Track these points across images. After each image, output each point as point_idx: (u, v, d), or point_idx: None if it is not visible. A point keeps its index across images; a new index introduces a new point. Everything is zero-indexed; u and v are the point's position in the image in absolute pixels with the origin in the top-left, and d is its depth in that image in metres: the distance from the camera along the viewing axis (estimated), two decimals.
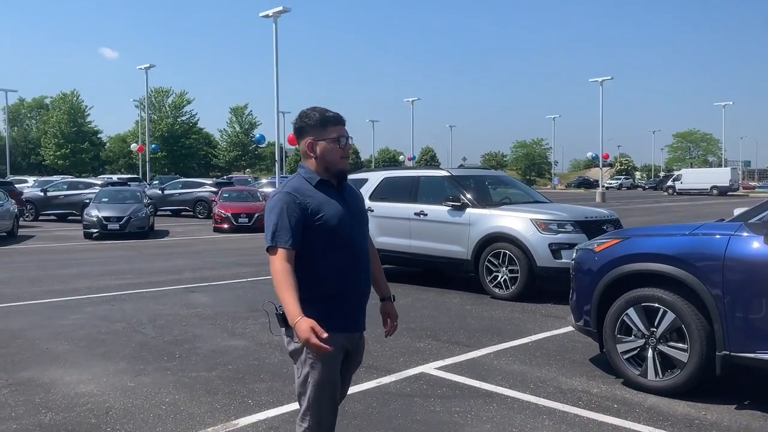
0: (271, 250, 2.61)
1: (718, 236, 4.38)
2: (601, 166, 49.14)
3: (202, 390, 4.75)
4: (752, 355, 4.17)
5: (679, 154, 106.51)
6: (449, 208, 9.08)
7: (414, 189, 9.77)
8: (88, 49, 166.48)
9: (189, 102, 75.27)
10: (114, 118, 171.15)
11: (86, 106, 73.04)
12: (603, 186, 48.94)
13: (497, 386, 4.81)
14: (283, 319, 2.63)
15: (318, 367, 2.65)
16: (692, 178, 59.52)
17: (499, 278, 8.51)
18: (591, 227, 8.31)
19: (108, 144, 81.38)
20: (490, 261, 8.61)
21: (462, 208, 8.98)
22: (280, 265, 2.57)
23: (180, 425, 4.07)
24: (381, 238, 9.87)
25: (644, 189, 77.20)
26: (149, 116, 66.07)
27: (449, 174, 9.69)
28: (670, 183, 61.07)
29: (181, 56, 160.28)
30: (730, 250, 4.25)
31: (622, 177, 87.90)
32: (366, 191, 10.30)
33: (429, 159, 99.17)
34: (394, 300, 3.08)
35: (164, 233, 19.51)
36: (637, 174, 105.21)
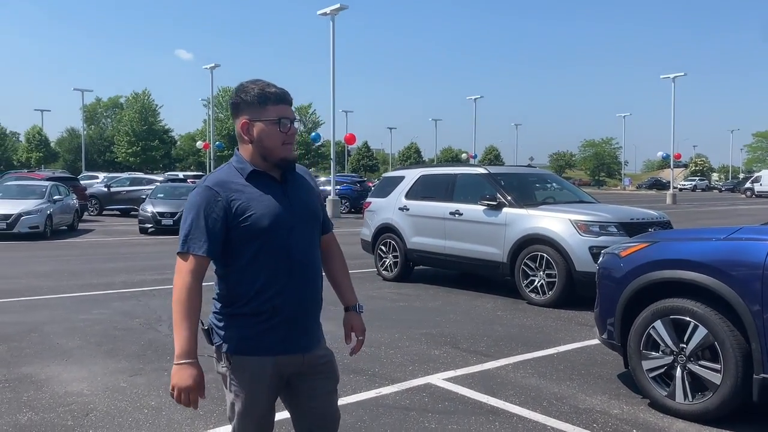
0: (182, 256, 2.20)
1: (757, 241, 3.82)
2: (672, 166, 46.99)
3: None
4: None
5: (759, 155, 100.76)
6: (485, 207, 8.62)
7: (450, 187, 9.36)
8: (165, 50, 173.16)
9: None
10: (186, 117, 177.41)
11: (157, 105, 75.57)
12: (675, 187, 46.72)
13: (505, 402, 4.39)
14: (208, 335, 2.30)
15: (241, 396, 2.28)
16: None
17: (535, 283, 7.99)
18: (637, 229, 7.67)
19: (179, 142, 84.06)
20: (526, 264, 8.10)
21: (498, 207, 8.50)
22: (186, 278, 2.18)
23: (155, 431, 3.86)
24: (416, 238, 9.54)
25: (720, 191, 73.42)
26: (217, 115, 67.89)
27: (487, 171, 9.22)
28: (748, 185, 57.79)
29: (250, 56, 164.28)
30: None
31: (697, 178, 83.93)
32: (402, 189, 9.99)
33: (493, 158, 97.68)
34: (361, 311, 2.63)
35: None
36: (714, 175, 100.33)
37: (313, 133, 37.71)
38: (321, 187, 28.88)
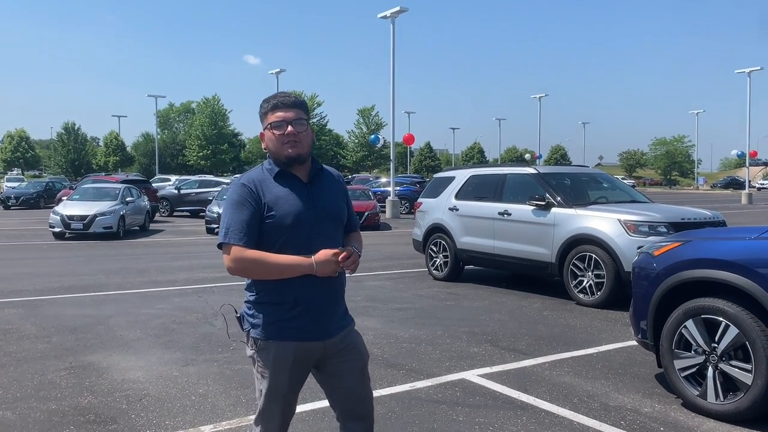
0: (224, 247, 2.40)
1: None
2: (747, 164, 44.89)
3: (237, 383, 4.82)
4: None
5: None
6: (534, 207, 8.63)
7: (500, 187, 9.40)
8: (234, 56, 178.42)
9: (319, 104, 77.96)
10: (255, 121, 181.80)
11: (226, 110, 77.97)
12: (751, 186, 44.63)
13: (536, 398, 4.46)
14: (240, 323, 2.54)
15: (266, 378, 2.50)
16: None
17: (584, 283, 7.96)
18: (688, 230, 7.52)
19: (247, 145, 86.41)
20: (575, 264, 8.07)
21: (547, 207, 8.50)
22: (238, 262, 2.38)
23: (199, 416, 4.16)
24: (465, 238, 9.63)
25: None
26: None
27: (536, 171, 9.21)
28: None
29: (314, 60, 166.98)
30: None
31: None
32: (452, 190, 10.10)
33: (559, 158, 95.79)
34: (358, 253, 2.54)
35: None
36: None
37: (373, 136, 38.05)
38: (382, 189, 29.40)
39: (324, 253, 2.38)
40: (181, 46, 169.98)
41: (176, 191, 26.93)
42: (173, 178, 39.39)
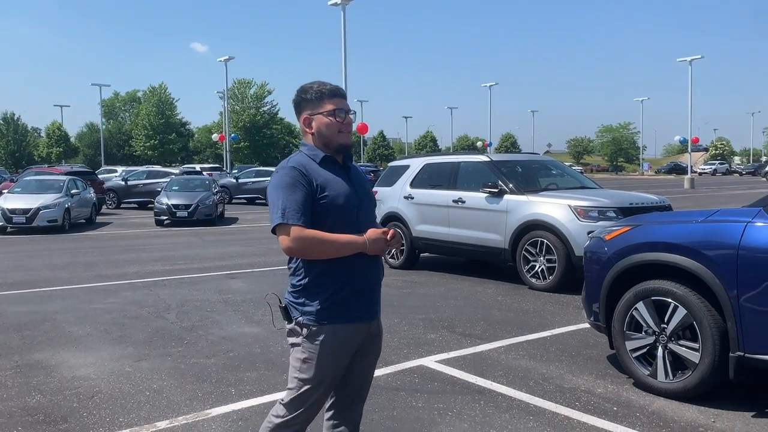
0: (282, 228, 2.39)
1: (733, 223, 3.90)
2: (690, 150, 46.52)
3: (193, 377, 4.74)
4: None
5: None
6: (487, 194, 8.73)
7: (453, 175, 9.47)
8: (180, 43, 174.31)
9: (270, 93, 76.94)
10: (203, 110, 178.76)
11: (173, 99, 76.19)
12: (693, 172, 46.24)
13: (493, 382, 4.53)
14: (286, 312, 2.53)
15: (312, 363, 2.46)
16: None
17: (536, 268, 8.11)
18: (636, 214, 7.73)
19: (196, 135, 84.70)
20: (527, 250, 8.21)
21: (499, 194, 8.61)
22: (298, 242, 2.37)
23: (154, 412, 4.06)
24: (421, 226, 9.68)
25: (741, 175, 72.51)
26: (232, 107, 68.30)
27: (489, 159, 9.32)
28: None
29: (263, 47, 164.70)
30: (746, 239, 3.77)
31: (717, 162, 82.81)
32: (407, 178, 10.12)
33: (509, 146, 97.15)
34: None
35: (233, 220, 20.04)
36: (736, 159, 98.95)
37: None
38: None
39: (374, 232, 2.46)
40: (125, 33, 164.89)
41: (123, 183, 26.29)
42: (120, 169, 38.36)
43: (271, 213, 2.44)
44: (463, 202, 9.03)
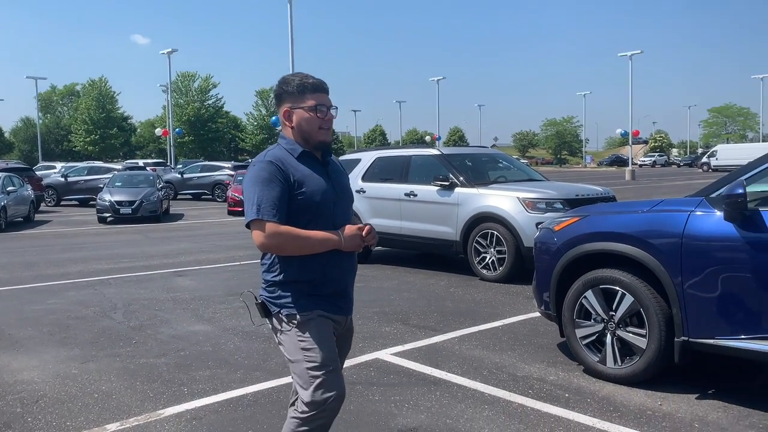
0: (256, 224, 2.35)
1: (676, 213, 4.04)
2: (630, 143, 47.92)
3: (143, 377, 4.61)
4: (711, 341, 3.85)
5: (715, 130, 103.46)
6: (438, 187, 8.80)
7: (405, 169, 9.50)
8: (121, 35, 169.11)
9: (215, 86, 75.69)
10: (145, 103, 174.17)
11: (114, 92, 73.96)
12: (634, 163, 47.69)
13: (448, 373, 4.58)
14: (264, 309, 2.50)
15: (315, 347, 2.40)
16: (728, 154, 57.28)
17: (487, 259, 8.23)
18: (582, 205, 7.92)
19: (139, 129, 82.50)
20: (478, 242, 8.32)
21: (450, 187, 8.69)
22: (272, 238, 2.34)
23: (103, 414, 3.94)
24: (373, 220, 9.64)
25: (679, 166, 75.21)
26: (176, 101, 66.74)
27: (440, 153, 9.40)
28: (704, 159, 59.26)
29: (207, 40, 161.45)
30: (689, 228, 3.91)
31: (656, 154, 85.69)
32: (358, 172, 10.08)
33: (457, 139, 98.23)
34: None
35: (178, 217, 19.62)
36: (674, 151, 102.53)
37: (274, 117, 37.45)
38: None
39: (350, 228, 2.46)
40: (62, 24, 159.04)
41: (63, 179, 25.40)
42: (59, 165, 37.01)
43: (246, 208, 2.39)
44: (415, 195, 9.07)
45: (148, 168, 29.26)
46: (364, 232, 2.47)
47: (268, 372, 4.69)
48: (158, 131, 52.83)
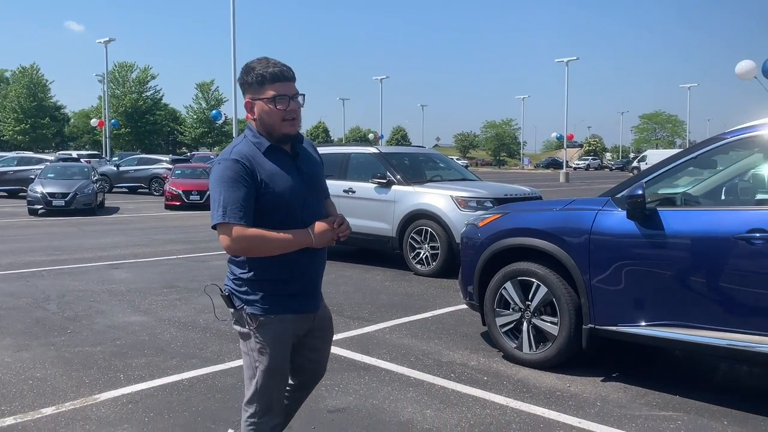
0: (222, 227, 2.29)
1: (585, 211, 4.42)
2: (565, 146, 49.63)
3: (79, 365, 4.69)
4: (614, 328, 4.25)
5: (645, 136, 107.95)
6: (376, 185, 9.08)
7: (344, 166, 9.73)
8: (54, 21, 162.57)
9: (153, 77, 73.91)
10: (79, 93, 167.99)
11: (47, 81, 71.25)
12: (569, 166, 49.31)
13: (377, 359, 4.85)
14: (229, 300, 2.47)
15: (267, 353, 2.44)
16: (657, 158, 59.54)
17: (421, 255, 8.55)
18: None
19: (72, 120, 79.71)
20: (413, 238, 8.64)
21: (388, 185, 8.98)
22: (240, 242, 2.29)
23: (39, 399, 4.02)
24: None
25: (611, 170, 78.05)
26: (113, 91, 64.80)
27: (378, 151, 9.68)
28: (635, 164, 61.74)
29: (147, 30, 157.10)
30: (596, 225, 4.30)
31: (590, 158, 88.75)
32: None
33: (400, 138, 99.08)
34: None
35: (114, 210, 19.22)
36: (607, 155, 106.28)
37: (214, 111, 36.97)
38: None
39: (320, 225, 2.40)
40: None
41: None
42: None
43: (211, 209, 2.32)
44: (354, 192, 9.32)
45: (82, 160, 28.47)
46: (335, 224, 2.43)
47: (204, 359, 4.84)
48: (93, 122, 51.24)
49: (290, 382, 2.72)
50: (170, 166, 25.31)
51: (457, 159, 63.95)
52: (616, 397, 4.13)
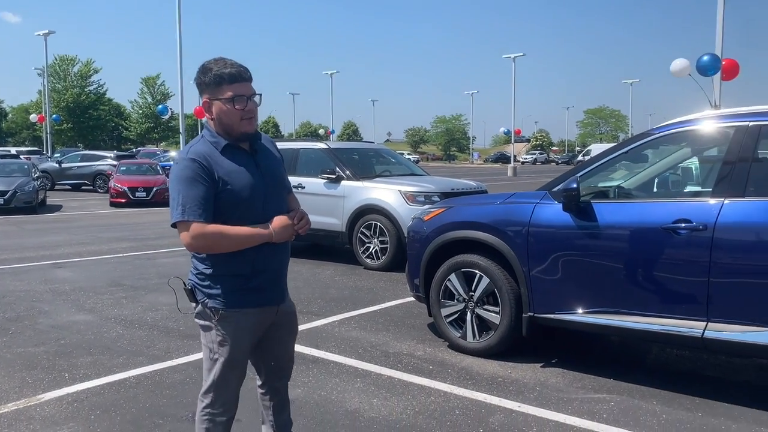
0: (182, 225, 2.34)
1: (524, 204, 4.60)
2: (513, 141, 50.54)
3: (21, 366, 4.62)
4: (552, 315, 4.44)
5: (590, 130, 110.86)
6: (325, 180, 9.14)
7: (293, 162, 9.73)
8: None
9: (96, 71, 71.88)
10: (17, 87, 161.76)
11: None
12: (516, 161, 50.25)
13: (326, 352, 4.93)
14: (192, 294, 2.51)
15: (227, 347, 2.49)
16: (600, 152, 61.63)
17: (371, 249, 8.66)
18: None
19: (10, 115, 76.77)
20: (362, 232, 8.74)
21: (337, 180, 9.05)
22: (200, 239, 2.34)
23: None
24: None
25: (557, 164, 79.81)
26: (53, 85, 62.68)
27: (327, 147, 9.72)
28: (580, 158, 63.42)
29: (89, 23, 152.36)
30: (534, 217, 4.47)
31: (537, 152, 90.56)
32: None
33: (351, 133, 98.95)
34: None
35: (56, 208, 18.67)
36: (554, 149, 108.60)
37: (161, 106, 36.16)
38: (171, 163, 28.18)
39: (280, 220, 2.45)
40: None
41: None
42: None
43: (171, 208, 2.38)
44: (303, 187, 9.33)
45: (21, 156, 27.50)
46: (295, 219, 2.48)
47: (151, 357, 4.83)
48: (33, 117, 49.40)
49: (260, 391, 2.81)
50: (115, 162, 24.74)
51: (408, 154, 64.49)
52: (554, 382, 4.32)
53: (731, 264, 3.77)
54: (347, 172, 9.09)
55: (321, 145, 9.89)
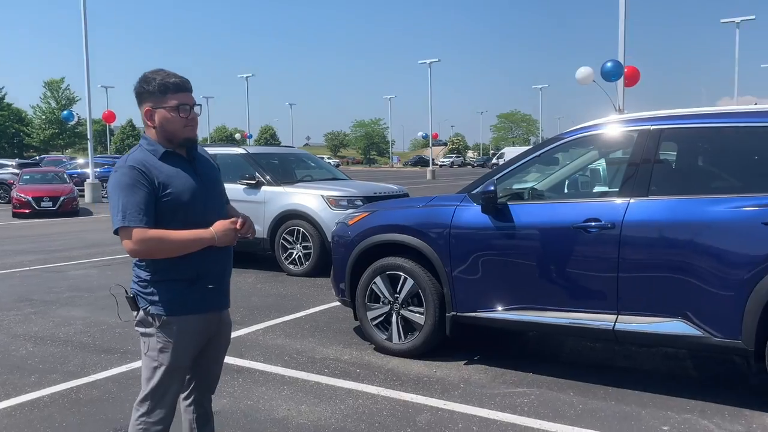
0: (124, 231, 2.35)
1: (445, 207, 4.72)
2: (430, 145, 51.46)
3: None
4: (473, 314, 4.58)
5: (503, 134, 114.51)
6: (245, 186, 9.01)
7: None
8: None
9: None
10: None
11: None
12: (435, 164, 51.18)
13: (251, 361, 4.87)
14: (134, 302, 2.50)
15: (169, 351, 2.47)
16: (513, 155, 63.53)
17: (294, 255, 8.60)
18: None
19: None
20: (285, 238, 8.67)
21: (257, 186, 8.94)
22: (141, 244, 2.35)
23: None
24: None
25: (473, 167, 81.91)
26: None
27: (245, 152, 9.59)
28: (494, 161, 65.27)
29: None
30: (455, 220, 4.60)
31: (454, 155, 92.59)
32: None
33: (269, 137, 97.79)
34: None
35: None
36: (470, 152, 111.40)
37: (66, 111, 34.41)
38: (79, 171, 26.89)
39: (222, 224, 2.46)
40: None
41: None
42: None
43: (111, 215, 2.40)
44: None
45: None
46: (238, 225, 2.50)
47: (66, 374, 4.61)
48: None
49: (185, 403, 2.75)
50: (17, 171, 23.40)
51: (328, 158, 64.37)
52: (477, 378, 4.46)
53: (637, 259, 4.02)
54: (267, 177, 9.00)
55: (239, 150, 9.75)
